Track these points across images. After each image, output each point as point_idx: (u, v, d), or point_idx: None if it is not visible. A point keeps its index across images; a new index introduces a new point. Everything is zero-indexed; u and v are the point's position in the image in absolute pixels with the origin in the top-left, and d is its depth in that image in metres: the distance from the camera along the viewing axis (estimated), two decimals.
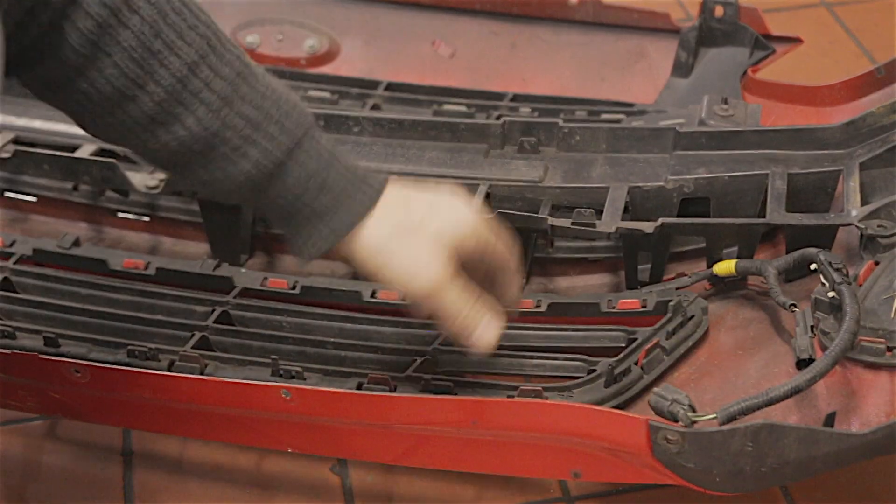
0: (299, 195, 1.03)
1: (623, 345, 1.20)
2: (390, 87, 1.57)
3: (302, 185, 1.03)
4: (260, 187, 1.03)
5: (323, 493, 1.29)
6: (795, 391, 1.02)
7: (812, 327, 1.12)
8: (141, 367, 1.16)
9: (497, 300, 1.11)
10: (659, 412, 1.02)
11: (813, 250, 1.18)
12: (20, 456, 1.34)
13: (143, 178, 1.38)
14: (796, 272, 1.22)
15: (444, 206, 1.07)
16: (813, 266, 1.16)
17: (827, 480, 1.25)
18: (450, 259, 1.06)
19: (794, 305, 1.15)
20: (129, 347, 1.21)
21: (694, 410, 1.01)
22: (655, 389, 1.03)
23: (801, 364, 1.10)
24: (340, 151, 1.05)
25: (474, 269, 1.10)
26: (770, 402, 1.01)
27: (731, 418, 1.00)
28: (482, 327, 1.09)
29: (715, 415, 1.01)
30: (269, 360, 1.19)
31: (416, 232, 1.05)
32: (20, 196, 1.49)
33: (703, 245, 1.29)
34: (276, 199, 1.04)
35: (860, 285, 1.13)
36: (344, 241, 1.05)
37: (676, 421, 1.00)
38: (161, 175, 1.38)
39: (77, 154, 1.39)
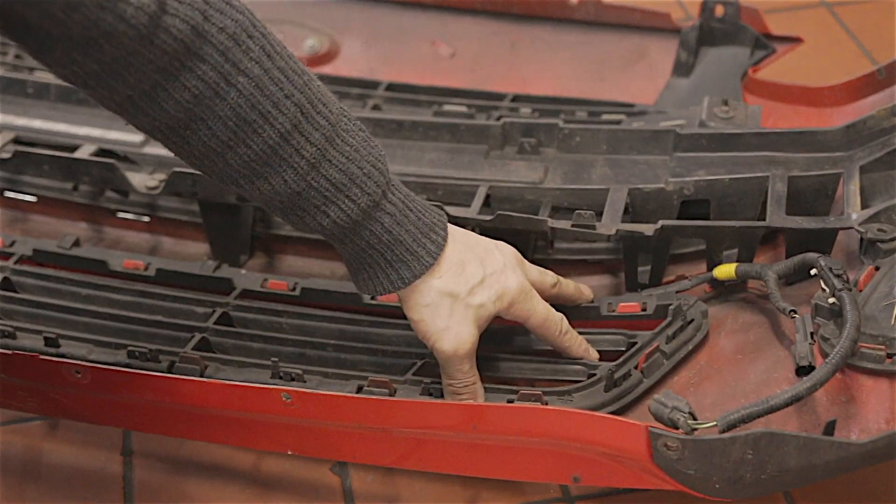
0: (371, 247, 1.10)
1: (623, 348, 1.20)
2: (390, 87, 1.57)
3: (375, 240, 1.10)
4: (337, 237, 1.10)
5: (323, 494, 1.29)
6: (796, 399, 1.02)
7: (812, 333, 1.12)
8: (141, 369, 1.17)
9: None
10: (659, 419, 1.02)
11: (813, 255, 1.18)
12: (20, 456, 1.34)
13: (143, 179, 1.38)
14: (796, 276, 1.22)
15: (497, 279, 1.14)
16: (813, 271, 1.16)
17: (827, 482, 1.24)
18: (479, 331, 1.14)
19: (794, 311, 1.15)
20: (130, 348, 1.21)
21: (694, 418, 1.01)
22: (656, 396, 1.03)
23: (801, 371, 1.10)
24: (412, 203, 1.11)
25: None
26: (770, 410, 1.01)
27: (732, 426, 1.01)
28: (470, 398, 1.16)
29: (715, 422, 1.01)
30: (269, 362, 1.19)
31: (461, 300, 1.13)
32: (20, 196, 1.49)
33: (703, 247, 1.29)
34: (351, 248, 1.11)
35: (860, 291, 1.13)
36: (403, 289, 1.13)
37: (677, 428, 1.00)
38: (161, 175, 1.38)
39: (77, 154, 1.39)
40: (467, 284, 1.13)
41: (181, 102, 0.99)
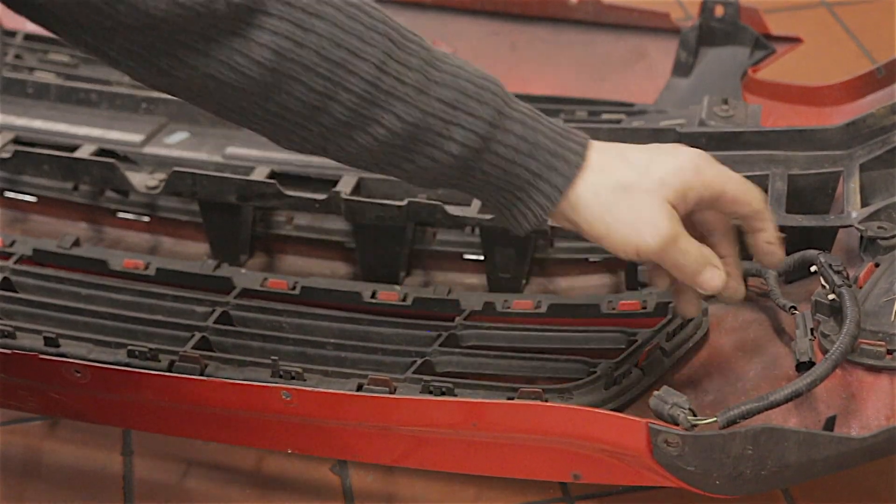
0: (510, 163, 1.00)
1: (623, 346, 1.20)
2: None
3: (511, 153, 1.00)
4: (469, 166, 1.00)
5: (323, 494, 1.29)
6: (795, 395, 1.02)
7: (812, 330, 1.12)
8: (141, 368, 1.16)
9: (755, 250, 1.08)
10: (659, 415, 1.02)
11: (813, 252, 1.17)
12: (20, 456, 1.34)
13: (143, 178, 1.38)
14: (796, 273, 1.22)
15: (666, 153, 1.02)
16: (813, 268, 1.16)
17: (827, 480, 1.24)
18: (677, 208, 1.01)
19: (794, 308, 1.15)
20: (130, 348, 1.21)
21: (694, 414, 1.01)
22: (656, 393, 1.03)
23: (801, 367, 1.10)
24: (537, 112, 1.02)
25: (708, 223, 1.07)
26: (771, 406, 1.01)
27: (732, 422, 1.00)
28: (709, 269, 1.03)
29: (715, 418, 1.01)
30: (269, 361, 1.19)
31: (638, 185, 1.00)
32: (20, 196, 1.49)
33: None
34: (488, 175, 1.01)
35: (860, 287, 1.13)
36: (561, 205, 1.01)
37: (677, 424, 1.00)
38: (161, 175, 1.38)
39: (77, 154, 1.39)
40: (636, 166, 1.01)
41: (263, 63, 0.94)
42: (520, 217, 1.03)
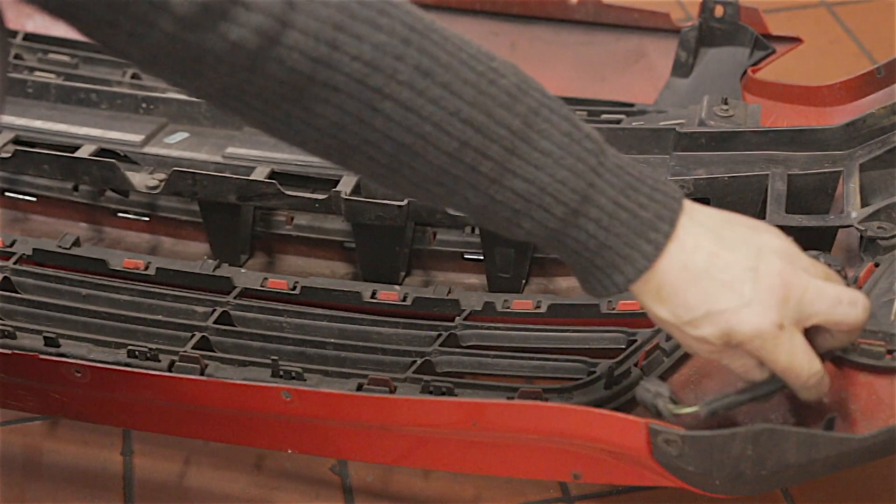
0: (579, 252, 0.96)
1: (623, 346, 1.21)
2: None
3: (580, 247, 0.95)
4: (540, 242, 0.97)
5: (323, 493, 1.29)
6: (780, 387, 1.01)
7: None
8: (141, 368, 1.17)
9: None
10: (643, 404, 1.02)
11: (813, 252, 1.17)
12: (20, 456, 1.34)
13: (143, 178, 1.38)
14: None
15: (721, 319, 0.96)
16: None
17: (827, 480, 1.24)
18: (784, 294, 0.95)
19: None
20: (130, 348, 1.21)
21: (675, 402, 1.01)
22: (641, 381, 1.03)
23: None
24: (629, 195, 0.95)
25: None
26: (755, 398, 1.01)
27: (714, 412, 1.00)
28: (818, 378, 0.99)
29: (697, 407, 1.01)
30: (269, 361, 1.19)
31: (679, 328, 0.97)
32: (20, 196, 1.49)
33: None
34: (559, 250, 0.97)
35: (860, 287, 1.13)
36: (653, 271, 0.95)
37: (660, 414, 1.00)
38: (161, 175, 1.38)
39: (77, 154, 1.39)
40: (684, 314, 0.96)
41: (322, 130, 0.90)
42: (586, 288, 0.99)
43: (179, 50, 0.85)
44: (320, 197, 1.34)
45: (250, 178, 1.35)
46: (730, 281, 0.94)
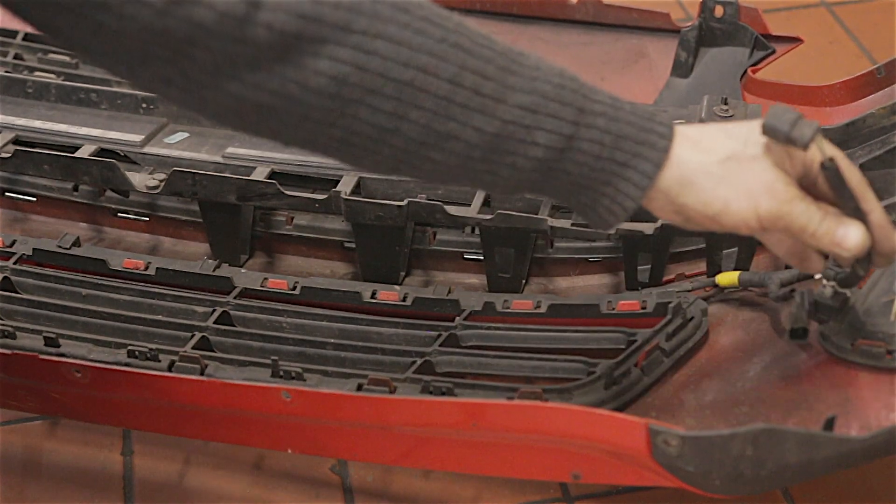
0: (595, 158, 0.95)
1: (623, 346, 1.21)
2: None
3: (596, 147, 0.95)
4: (552, 168, 0.96)
5: (323, 493, 1.29)
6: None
7: (810, 303, 1.11)
8: (141, 368, 1.17)
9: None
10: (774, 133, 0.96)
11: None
12: (20, 456, 1.34)
13: (143, 178, 1.38)
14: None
15: (755, 126, 0.97)
16: (818, 275, 1.16)
17: (827, 480, 1.25)
18: (788, 174, 0.97)
19: (793, 289, 1.15)
20: (130, 348, 1.21)
21: None
22: (771, 110, 0.97)
23: (794, 333, 1.10)
24: (619, 100, 0.97)
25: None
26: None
27: None
28: (843, 228, 0.98)
29: None
30: (269, 361, 1.19)
31: (743, 153, 0.96)
32: (20, 196, 1.49)
33: (703, 246, 1.29)
34: (571, 174, 0.96)
35: (860, 288, 1.13)
36: (659, 191, 0.97)
37: None
38: (161, 175, 1.38)
39: (77, 154, 1.39)
40: (737, 138, 0.97)
41: (321, 90, 0.89)
42: (607, 214, 0.98)
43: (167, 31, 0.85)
44: (320, 197, 1.34)
45: (250, 178, 1.35)
46: (744, 172, 0.96)
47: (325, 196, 1.33)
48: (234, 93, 0.89)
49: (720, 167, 0.96)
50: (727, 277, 1.25)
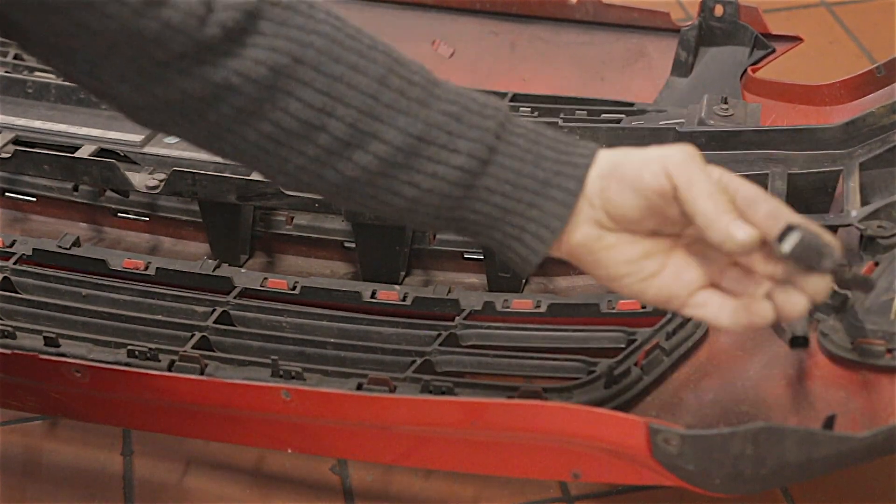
0: (517, 175, 0.95)
1: (623, 345, 1.20)
2: None
3: (518, 162, 0.95)
4: (474, 185, 0.95)
5: (323, 493, 1.29)
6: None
7: (812, 311, 1.11)
8: (141, 368, 1.17)
9: None
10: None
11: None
12: (20, 456, 1.34)
13: (143, 178, 1.38)
14: None
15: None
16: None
17: (827, 480, 1.25)
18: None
19: None
20: (130, 347, 1.21)
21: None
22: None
23: (795, 342, 1.10)
24: (541, 125, 0.98)
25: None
26: None
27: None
28: (738, 222, 0.91)
29: None
30: (269, 361, 1.19)
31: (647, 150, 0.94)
32: (20, 196, 1.49)
33: None
34: (494, 194, 0.95)
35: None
36: (578, 207, 0.95)
37: None
38: (161, 175, 1.38)
39: (77, 154, 1.39)
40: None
41: (259, 80, 0.92)
42: (532, 241, 0.96)
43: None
44: (320, 197, 1.34)
45: (250, 177, 1.35)
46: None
47: None
48: (182, 87, 0.93)
49: (624, 157, 0.95)
50: None
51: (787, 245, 0.88)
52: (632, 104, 1.51)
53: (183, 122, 0.97)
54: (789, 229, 0.89)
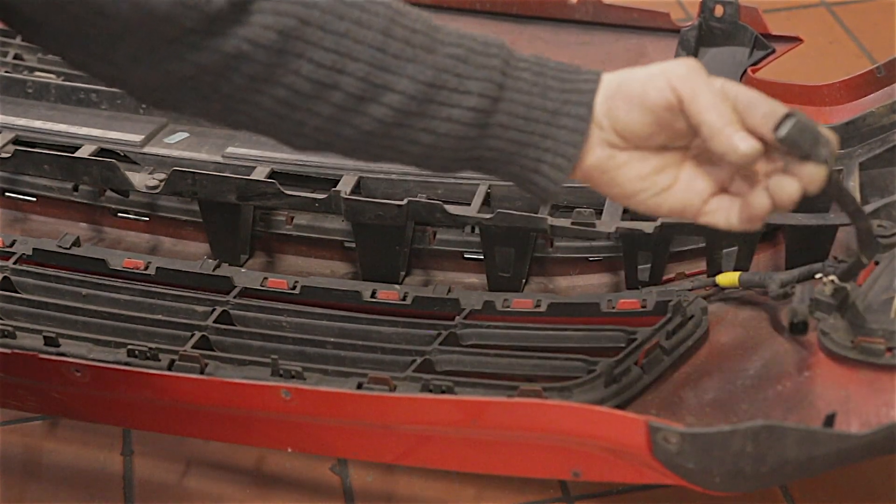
0: (529, 107, 0.95)
1: (623, 345, 1.20)
2: None
3: (527, 96, 0.95)
4: (489, 123, 0.96)
5: (323, 493, 1.29)
6: None
7: (811, 299, 1.11)
8: (141, 367, 1.17)
9: None
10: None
11: (819, 265, 1.18)
12: (20, 456, 1.34)
13: (143, 178, 1.38)
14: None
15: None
16: (819, 275, 1.16)
17: (827, 480, 1.25)
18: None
19: (793, 287, 1.15)
20: (130, 347, 1.21)
21: None
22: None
23: (794, 328, 1.10)
24: (542, 57, 0.98)
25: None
26: None
27: None
28: (742, 134, 0.92)
29: None
30: (269, 360, 1.19)
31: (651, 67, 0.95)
32: (20, 196, 1.49)
33: (703, 244, 1.29)
34: (508, 130, 0.96)
35: (860, 285, 1.13)
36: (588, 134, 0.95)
37: None
38: (161, 175, 1.38)
39: (77, 154, 1.39)
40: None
41: (269, 46, 0.93)
42: (550, 171, 0.96)
43: None
44: (320, 197, 1.34)
45: (250, 177, 1.35)
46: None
47: (325, 196, 1.33)
48: (195, 61, 0.93)
49: (630, 75, 0.96)
50: (727, 278, 1.25)
51: (783, 129, 0.91)
52: None
53: (197, 99, 0.96)
54: (786, 117, 0.92)
